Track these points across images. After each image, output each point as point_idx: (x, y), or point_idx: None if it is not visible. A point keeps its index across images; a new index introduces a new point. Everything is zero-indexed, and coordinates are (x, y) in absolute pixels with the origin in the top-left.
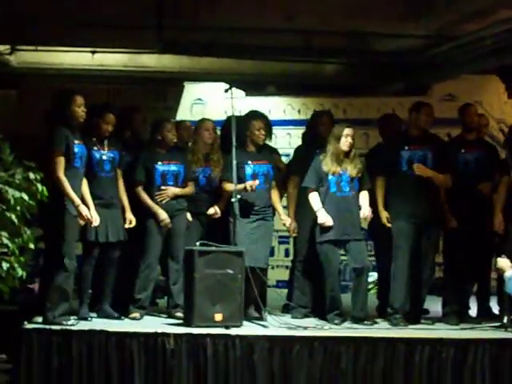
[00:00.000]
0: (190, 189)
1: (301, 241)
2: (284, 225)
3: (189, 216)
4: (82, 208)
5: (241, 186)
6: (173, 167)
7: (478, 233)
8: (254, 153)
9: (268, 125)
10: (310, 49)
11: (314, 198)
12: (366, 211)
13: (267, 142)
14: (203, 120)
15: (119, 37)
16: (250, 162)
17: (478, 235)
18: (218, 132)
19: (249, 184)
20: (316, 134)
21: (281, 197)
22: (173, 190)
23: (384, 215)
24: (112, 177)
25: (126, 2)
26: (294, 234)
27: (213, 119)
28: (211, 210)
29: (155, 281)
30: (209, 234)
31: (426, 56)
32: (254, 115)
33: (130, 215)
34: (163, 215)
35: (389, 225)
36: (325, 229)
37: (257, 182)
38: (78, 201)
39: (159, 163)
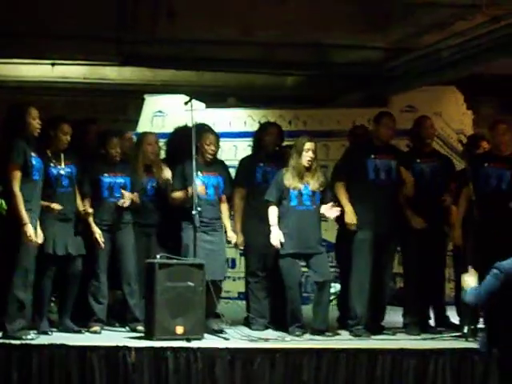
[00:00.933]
0: (137, 198)
1: (251, 253)
2: (229, 242)
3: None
4: (27, 228)
5: (190, 191)
6: (119, 179)
7: (434, 243)
8: (205, 165)
9: (217, 139)
10: (271, 61)
11: (272, 213)
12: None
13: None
14: (146, 133)
15: (80, 49)
16: (200, 173)
17: (435, 245)
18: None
19: (199, 187)
20: (261, 146)
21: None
22: (128, 194)
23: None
24: (70, 192)
25: (87, 14)
26: (241, 247)
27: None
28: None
29: (113, 294)
30: (158, 246)
31: (385, 68)
32: (205, 129)
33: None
34: (97, 233)
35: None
36: (287, 238)
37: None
38: (25, 219)
39: (105, 175)
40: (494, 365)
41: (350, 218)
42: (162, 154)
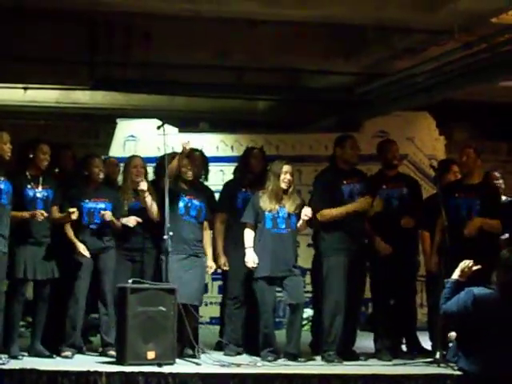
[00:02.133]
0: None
1: (231, 277)
2: (207, 272)
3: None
4: None
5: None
6: (100, 205)
7: (403, 268)
8: (188, 189)
9: (196, 162)
10: (243, 85)
11: (248, 235)
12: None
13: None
14: (131, 157)
15: (52, 73)
16: (184, 195)
17: (404, 271)
18: (149, 168)
19: (183, 143)
20: (246, 170)
21: None
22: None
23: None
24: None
25: (59, 38)
26: (226, 268)
27: (145, 156)
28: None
29: (88, 319)
30: (142, 270)
31: (357, 92)
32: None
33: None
34: (80, 248)
35: None
36: (255, 267)
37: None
38: None
39: (86, 201)
40: None
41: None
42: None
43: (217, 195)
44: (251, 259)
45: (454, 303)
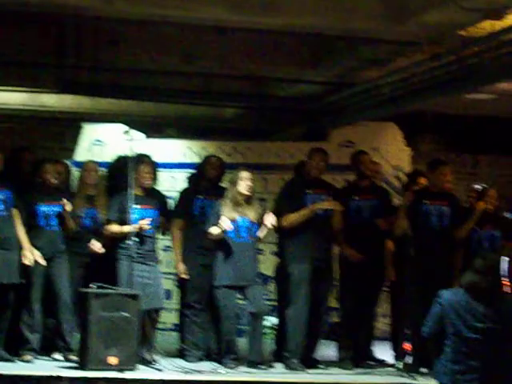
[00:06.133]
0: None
1: (190, 284)
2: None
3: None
4: None
5: (131, 228)
6: (56, 208)
7: (371, 278)
8: (142, 196)
9: (155, 169)
10: (210, 92)
11: (212, 230)
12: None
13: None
14: (86, 161)
15: (19, 75)
16: (137, 206)
17: (371, 281)
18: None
19: (141, 223)
20: (202, 178)
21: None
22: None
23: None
24: (6, 216)
25: (27, 41)
26: (186, 276)
27: (112, 161)
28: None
29: (50, 323)
30: (91, 275)
31: (325, 102)
32: (142, 159)
33: (25, 252)
34: (36, 255)
35: None
36: (223, 269)
37: (147, 221)
38: None
39: (41, 204)
40: None
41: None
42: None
43: None
44: (225, 220)
45: (429, 320)
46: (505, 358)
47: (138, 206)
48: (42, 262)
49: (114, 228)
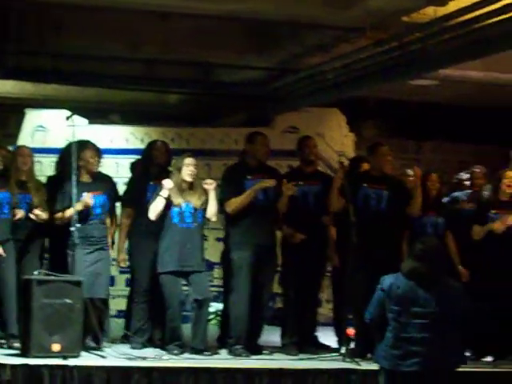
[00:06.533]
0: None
1: (139, 271)
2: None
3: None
4: None
5: (75, 209)
6: (1, 194)
7: (313, 264)
8: (90, 183)
9: (99, 154)
10: (154, 78)
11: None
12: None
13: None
14: (18, 146)
15: None
16: (86, 193)
17: (314, 266)
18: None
19: (85, 199)
20: (150, 163)
21: None
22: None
23: None
24: None
25: None
26: (123, 265)
27: (54, 147)
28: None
29: None
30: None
31: (269, 88)
32: (85, 145)
33: None
34: None
35: None
36: (168, 256)
37: (90, 195)
38: None
39: None
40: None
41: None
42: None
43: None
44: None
45: (371, 306)
46: (445, 343)
47: (87, 193)
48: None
49: (58, 215)
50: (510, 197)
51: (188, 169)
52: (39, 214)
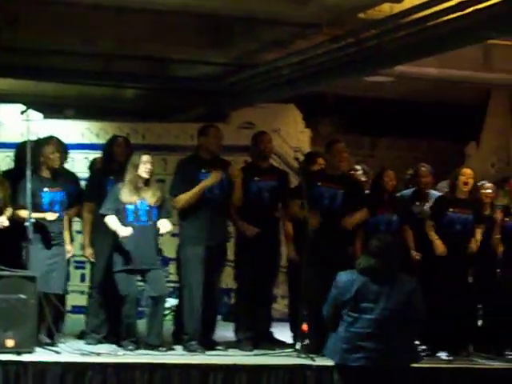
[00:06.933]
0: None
1: (97, 267)
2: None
3: None
4: None
5: (39, 216)
6: None
7: (267, 259)
8: (50, 179)
9: (64, 148)
10: (110, 73)
11: (111, 220)
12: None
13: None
14: None
15: None
16: (46, 190)
17: (268, 262)
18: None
19: (48, 216)
20: (111, 159)
21: None
22: None
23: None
24: None
25: None
26: (92, 260)
27: (8, 141)
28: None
29: None
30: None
31: (225, 83)
32: (47, 140)
33: None
34: None
35: None
36: (123, 254)
37: (56, 215)
38: None
39: None
40: (327, 379)
41: None
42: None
43: (82, 183)
44: (126, 233)
45: (328, 303)
46: (396, 339)
47: (47, 189)
48: None
49: (22, 213)
50: (466, 195)
51: (145, 166)
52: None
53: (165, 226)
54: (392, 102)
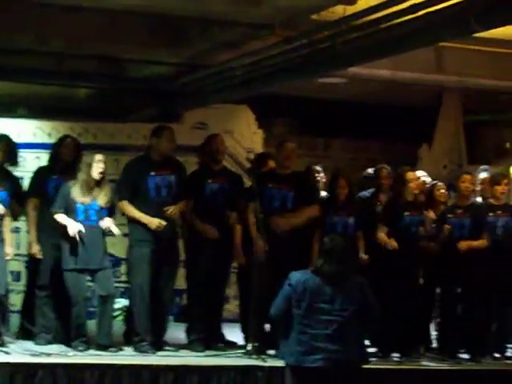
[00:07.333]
0: None
1: (42, 266)
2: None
3: None
4: None
5: None
6: None
7: (220, 260)
8: None
9: (11, 148)
10: (62, 72)
11: (61, 217)
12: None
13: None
14: None
15: None
16: None
17: (220, 263)
18: None
19: None
20: (57, 158)
21: None
22: None
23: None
24: None
25: None
26: (40, 257)
27: None
28: None
29: None
30: None
31: (178, 83)
32: None
33: None
34: None
35: None
36: (72, 253)
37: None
38: None
39: None
40: (278, 380)
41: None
42: None
43: None
44: (75, 226)
45: (277, 301)
46: (350, 340)
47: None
48: None
49: None
50: (414, 198)
51: (98, 166)
52: None
53: (105, 223)
54: (345, 104)
